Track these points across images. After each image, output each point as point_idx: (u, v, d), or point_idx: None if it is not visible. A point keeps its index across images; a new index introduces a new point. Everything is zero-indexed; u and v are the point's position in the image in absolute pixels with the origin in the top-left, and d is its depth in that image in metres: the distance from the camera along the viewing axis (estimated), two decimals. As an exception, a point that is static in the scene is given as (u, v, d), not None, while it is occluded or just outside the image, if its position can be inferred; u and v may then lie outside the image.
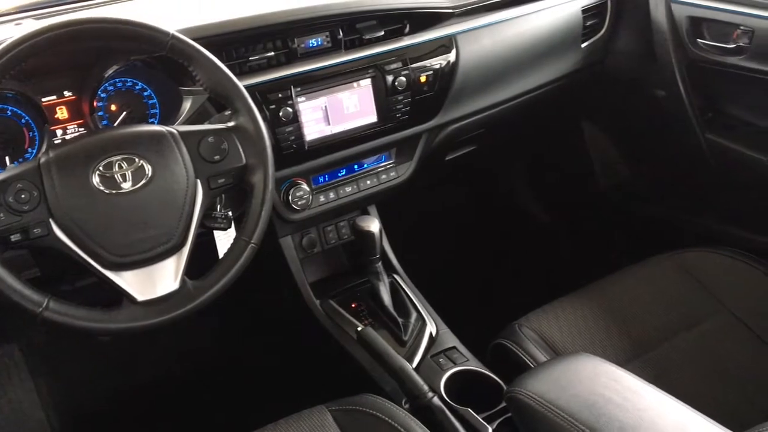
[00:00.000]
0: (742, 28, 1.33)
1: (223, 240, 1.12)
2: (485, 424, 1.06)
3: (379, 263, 1.29)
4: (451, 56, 1.28)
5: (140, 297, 0.85)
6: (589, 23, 1.51)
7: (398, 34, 1.25)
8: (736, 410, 1.07)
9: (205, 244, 1.13)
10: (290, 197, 1.21)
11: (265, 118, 1.09)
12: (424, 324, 1.27)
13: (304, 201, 1.23)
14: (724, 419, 0.82)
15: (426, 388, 1.09)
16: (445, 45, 1.28)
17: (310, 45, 1.17)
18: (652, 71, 1.49)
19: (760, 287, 1.26)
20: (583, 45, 1.51)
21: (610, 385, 0.84)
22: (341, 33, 1.19)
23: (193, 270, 0.90)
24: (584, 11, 1.48)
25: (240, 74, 1.09)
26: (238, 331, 1.67)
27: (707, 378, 1.13)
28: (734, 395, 1.10)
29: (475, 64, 1.32)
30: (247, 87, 1.02)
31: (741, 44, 1.34)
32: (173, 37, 0.90)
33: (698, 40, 1.41)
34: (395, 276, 1.37)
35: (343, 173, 1.30)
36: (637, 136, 1.69)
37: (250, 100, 0.94)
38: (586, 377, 0.86)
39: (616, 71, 1.58)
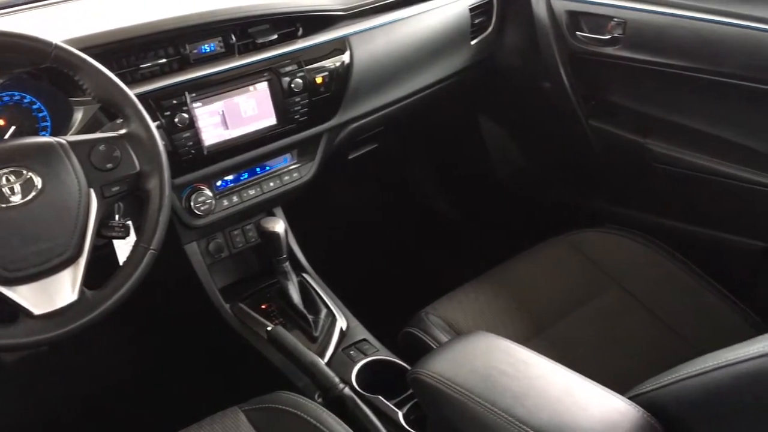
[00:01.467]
0: (615, 19, 1.43)
1: (124, 249, 1.11)
2: (395, 409, 1.10)
3: (287, 263, 1.31)
4: (346, 57, 1.31)
5: (37, 311, 0.83)
6: (477, 21, 1.57)
7: (291, 37, 1.28)
8: (627, 375, 1.14)
9: (108, 253, 1.12)
10: (192, 203, 1.21)
11: (160, 125, 1.09)
12: (334, 319, 1.30)
13: (206, 206, 1.23)
14: (615, 384, 0.88)
15: (337, 380, 1.11)
16: (338, 47, 1.31)
17: (203, 50, 1.18)
18: (538, 64, 1.58)
19: (646, 262, 1.35)
20: (473, 42, 1.58)
21: (504, 359, 0.89)
22: (234, 38, 1.20)
23: (96, 280, 0.90)
24: (472, 10, 1.54)
25: (132, 82, 1.09)
26: (148, 339, 1.65)
27: (601, 348, 1.21)
28: (626, 362, 1.18)
29: (369, 64, 1.36)
30: (139, 94, 1.02)
31: (616, 35, 1.43)
32: (56, 47, 0.89)
33: (577, 32, 1.50)
34: (304, 275, 1.39)
35: (246, 176, 1.31)
36: (529, 126, 1.78)
37: (140, 107, 0.94)
38: (481, 353, 0.91)
39: (505, 66, 1.66)
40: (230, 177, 1.28)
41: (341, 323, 1.29)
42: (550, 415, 0.79)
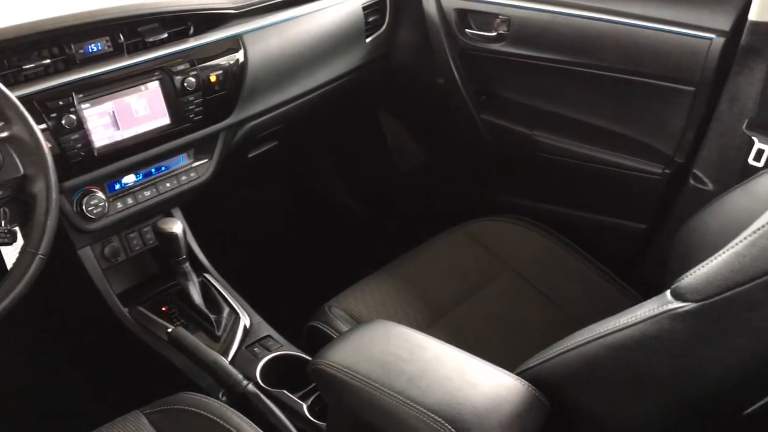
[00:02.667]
0: (501, 17, 1.49)
1: (12, 255, 1.08)
2: (300, 402, 1.12)
3: (186, 264, 1.30)
4: (239, 56, 1.31)
5: None
6: (371, 19, 1.60)
7: (183, 35, 1.26)
8: (521, 354, 1.20)
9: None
10: (84, 206, 1.19)
11: (47, 127, 1.06)
12: (237, 318, 1.30)
13: (99, 209, 1.20)
14: (509, 362, 0.93)
15: (240, 377, 1.12)
16: (232, 45, 1.30)
17: (90, 50, 1.15)
18: (431, 61, 1.63)
19: (537, 247, 1.42)
20: (368, 40, 1.61)
21: (401, 344, 0.92)
22: (122, 37, 1.18)
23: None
24: (365, 8, 1.57)
25: (14, 84, 1.05)
26: (46, 345, 1.60)
27: (497, 330, 1.27)
28: (520, 342, 1.24)
29: (264, 62, 1.37)
30: (23, 96, 1.00)
31: (501, 32, 1.50)
32: None
33: (466, 30, 1.56)
34: (205, 275, 1.38)
35: (141, 178, 1.28)
36: (426, 121, 1.83)
37: (22, 109, 0.92)
38: (379, 340, 0.94)
39: (400, 63, 1.70)
40: (124, 178, 1.26)
41: (245, 321, 1.30)
42: (442, 394, 0.82)
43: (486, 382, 0.85)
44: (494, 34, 1.51)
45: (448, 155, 1.85)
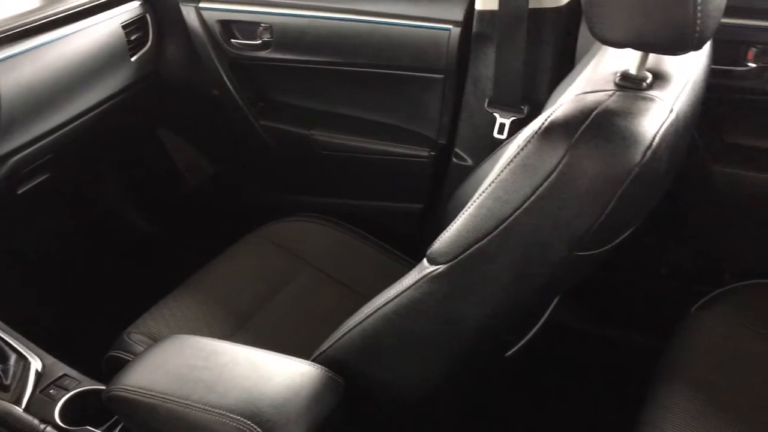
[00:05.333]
0: (263, 25, 1.54)
1: None
2: (105, 434, 1.09)
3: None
4: (-10, 86, 1.24)
5: None
6: (133, 37, 1.57)
7: None
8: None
9: None
10: None
11: None
12: (27, 363, 1.22)
13: None
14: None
15: (36, 422, 1.06)
16: (-22, 78, 1.23)
17: None
18: (203, 74, 1.63)
19: (331, 241, 1.48)
20: (133, 58, 1.58)
21: (196, 354, 0.94)
22: None
23: None
24: (125, 26, 1.54)
25: None
26: None
27: (303, 325, 1.31)
28: (326, 331, 1.29)
29: (19, 93, 1.29)
30: None
31: (265, 39, 1.55)
32: None
33: (232, 40, 1.58)
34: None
35: None
36: (209, 134, 1.83)
37: None
38: (173, 355, 0.95)
39: (172, 79, 1.69)
40: None
41: (36, 365, 1.22)
42: (240, 393, 0.85)
43: (281, 374, 0.90)
44: (259, 41, 1.55)
45: (234, 164, 1.86)
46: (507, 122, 1.30)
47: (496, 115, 1.30)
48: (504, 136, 1.30)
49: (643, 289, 1.55)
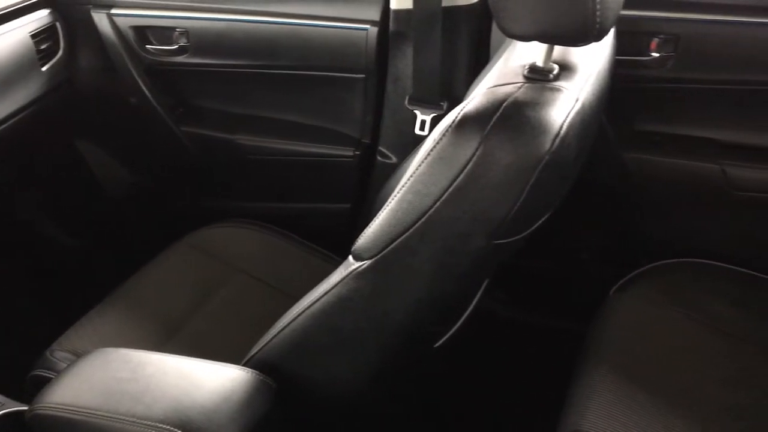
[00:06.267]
0: (178, 30, 1.51)
1: None
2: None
3: None
4: None
5: None
6: (43, 46, 1.52)
7: None
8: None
9: None
10: None
11: None
12: (-57, 390, 1.17)
13: None
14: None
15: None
16: None
17: None
18: (118, 82, 1.59)
19: (259, 245, 1.47)
20: (44, 68, 1.52)
21: (122, 366, 0.92)
22: None
23: None
24: (33, 36, 1.48)
25: None
26: None
27: (234, 330, 1.29)
28: (259, 335, 1.28)
29: None
30: None
31: (182, 44, 1.52)
32: None
33: (147, 46, 1.55)
34: None
35: None
36: (128, 142, 1.79)
37: None
38: (98, 369, 0.92)
39: (86, 88, 1.64)
40: None
41: (-49, 393, 1.17)
42: (168, 403, 0.84)
43: (211, 381, 0.89)
44: (176, 47, 1.53)
45: (157, 173, 1.82)
46: (428, 119, 1.32)
47: (417, 112, 1.32)
48: (426, 133, 1.32)
49: (566, 274, 1.60)
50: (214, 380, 0.89)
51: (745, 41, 1.26)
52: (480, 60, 1.33)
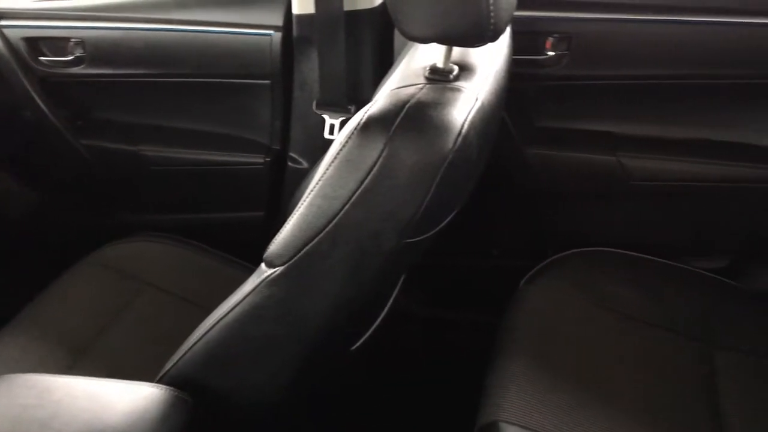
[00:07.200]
0: (73, 40, 1.46)
1: None
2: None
3: None
4: None
5: None
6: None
7: None
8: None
9: None
10: None
11: None
12: None
13: None
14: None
15: None
16: None
17: None
18: (10, 96, 1.51)
19: (171, 258, 1.43)
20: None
21: (27, 393, 0.87)
22: None
23: None
24: None
25: None
26: None
27: (147, 346, 1.24)
28: (173, 351, 1.25)
29: None
30: None
31: (78, 54, 1.46)
32: None
33: (41, 58, 1.48)
34: None
35: None
36: (24, 159, 1.70)
37: None
38: (2, 396, 0.87)
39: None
40: None
41: None
42: (79, 427, 0.81)
43: (122, 401, 0.86)
44: (71, 57, 1.47)
45: (58, 189, 1.75)
46: (337, 122, 1.32)
47: (326, 116, 1.32)
48: (335, 137, 1.32)
49: (479, 270, 1.64)
50: (126, 400, 0.86)
51: (632, 38, 1.33)
52: (385, 63, 1.35)
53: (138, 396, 0.87)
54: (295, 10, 1.29)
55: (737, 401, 1.10)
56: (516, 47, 1.19)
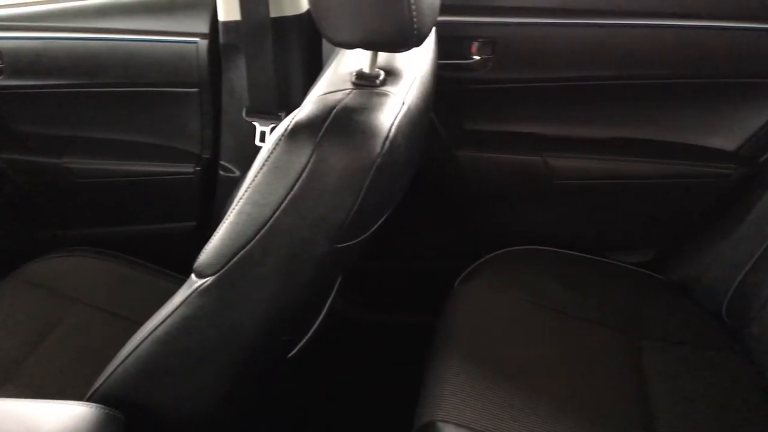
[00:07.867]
0: (-9, 51, 1.41)
1: None
2: None
3: None
4: None
5: None
6: None
7: None
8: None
9: None
10: None
11: None
12: None
13: None
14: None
15: None
16: None
17: None
18: None
19: (101, 273, 1.39)
20: None
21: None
22: None
23: None
24: None
25: None
26: None
27: (79, 366, 1.21)
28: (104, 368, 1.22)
29: None
30: None
31: (-2, 66, 1.42)
32: None
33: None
34: None
35: None
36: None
37: None
38: None
39: None
40: None
41: None
42: (2, 453, 0.78)
43: (50, 421, 0.83)
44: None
45: None
46: (267, 129, 1.31)
47: (256, 123, 1.32)
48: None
49: (415, 273, 1.66)
50: (55, 420, 0.83)
51: (554, 41, 1.38)
52: (314, 68, 1.35)
53: (67, 415, 0.84)
54: (221, 17, 1.28)
55: (666, 389, 1.15)
56: (442, 52, 1.21)
